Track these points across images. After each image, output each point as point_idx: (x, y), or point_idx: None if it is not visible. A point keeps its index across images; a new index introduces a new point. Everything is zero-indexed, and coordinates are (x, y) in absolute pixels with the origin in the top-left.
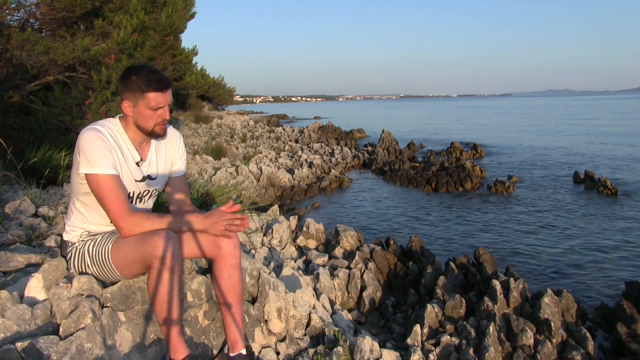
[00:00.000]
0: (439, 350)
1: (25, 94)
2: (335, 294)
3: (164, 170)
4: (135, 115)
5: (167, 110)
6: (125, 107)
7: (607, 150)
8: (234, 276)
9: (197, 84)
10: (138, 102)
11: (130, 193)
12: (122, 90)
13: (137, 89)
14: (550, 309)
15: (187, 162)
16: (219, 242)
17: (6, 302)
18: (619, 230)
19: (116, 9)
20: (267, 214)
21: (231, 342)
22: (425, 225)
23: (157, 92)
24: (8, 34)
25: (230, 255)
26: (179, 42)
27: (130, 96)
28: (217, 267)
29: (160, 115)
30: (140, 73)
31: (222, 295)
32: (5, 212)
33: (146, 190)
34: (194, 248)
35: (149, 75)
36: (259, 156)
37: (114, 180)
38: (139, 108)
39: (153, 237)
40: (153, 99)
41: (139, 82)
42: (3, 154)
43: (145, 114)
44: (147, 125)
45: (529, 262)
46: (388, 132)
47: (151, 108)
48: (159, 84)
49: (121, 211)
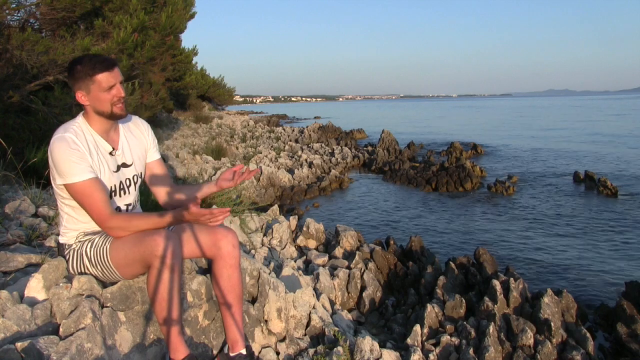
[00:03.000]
0: (439, 350)
1: (25, 94)
2: (335, 294)
3: (139, 157)
4: (92, 102)
5: (121, 87)
6: (80, 97)
7: (607, 150)
8: (234, 276)
9: (197, 84)
10: (90, 87)
11: (113, 187)
12: (72, 83)
13: (85, 75)
14: (550, 309)
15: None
16: (218, 243)
17: (6, 302)
18: (619, 230)
19: (116, 9)
20: (267, 214)
21: (231, 342)
22: (425, 225)
23: (105, 71)
24: (8, 34)
25: (229, 255)
26: (179, 42)
27: (81, 85)
28: (216, 267)
29: (114, 94)
30: (83, 60)
31: (222, 295)
32: (5, 212)
33: (126, 179)
34: (194, 248)
35: (92, 60)
36: (259, 156)
37: (91, 185)
38: (93, 93)
39: (153, 236)
40: (103, 80)
41: (85, 68)
42: (3, 154)
43: (100, 97)
44: (105, 108)
45: (529, 262)
46: (388, 132)
47: (104, 89)
48: (104, 63)
49: (102, 215)
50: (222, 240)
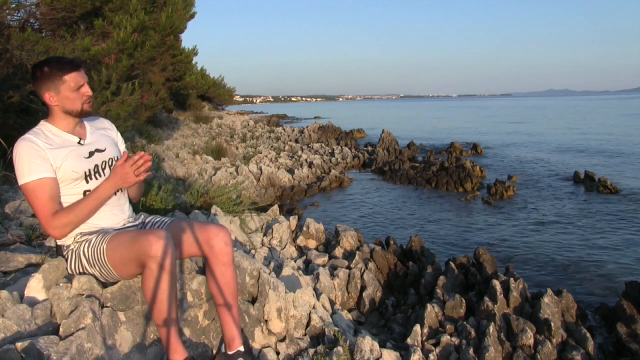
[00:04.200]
0: (439, 350)
1: (25, 94)
2: (335, 294)
3: (111, 144)
4: (61, 103)
5: (88, 87)
6: (49, 98)
7: (607, 150)
8: (227, 274)
9: (197, 84)
10: (59, 88)
11: (87, 171)
12: (39, 85)
13: (54, 76)
14: (550, 309)
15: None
16: (210, 241)
17: (6, 302)
18: (619, 230)
19: (116, 9)
20: (267, 214)
21: (228, 340)
22: (425, 225)
23: (74, 72)
24: (8, 34)
25: (221, 252)
26: (179, 42)
27: (50, 86)
28: (210, 265)
29: (84, 93)
30: (50, 62)
31: (217, 293)
32: (5, 212)
33: (102, 162)
34: (191, 246)
35: (59, 61)
36: (259, 156)
37: (39, 186)
38: (63, 93)
39: (147, 236)
40: (73, 80)
41: (53, 69)
42: (3, 154)
43: (70, 96)
44: (75, 106)
45: (529, 262)
46: (388, 132)
47: (73, 89)
48: (71, 64)
49: (46, 217)
50: (214, 239)
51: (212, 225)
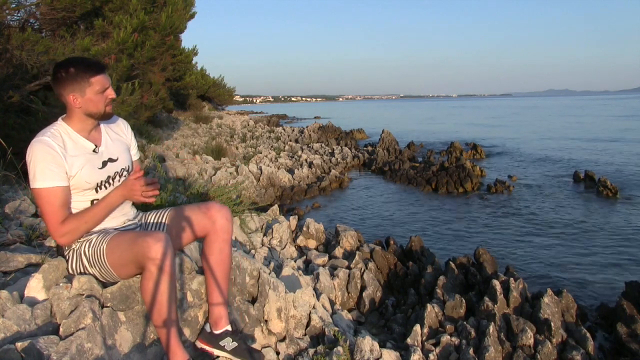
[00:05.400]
0: (439, 350)
1: (25, 94)
2: (335, 294)
3: (123, 151)
4: (84, 105)
5: (112, 89)
6: (72, 100)
7: (607, 150)
8: (225, 250)
9: (197, 84)
10: (85, 90)
11: (99, 182)
12: (63, 85)
13: (81, 78)
14: (550, 309)
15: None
16: (212, 217)
17: (6, 302)
18: (619, 230)
19: (116, 9)
20: (267, 214)
21: (214, 319)
22: (426, 225)
23: (100, 74)
24: (8, 34)
25: (222, 229)
26: (179, 42)
27: (75, 87)
28: (209, 241)
29: (107, 95)
30: (76, 63)
31: (211, 269)
32: (5, 212)
33: (114, 172)
34: (189, 232)
35: (85, 62)
36: (259, 156)
37: (53, 193)
38: (88, 95)
39: (145, 238)
40: (99, 82)
41: (80, 71)
42: (3, 154)
43: (94, 99)
44: (98, 109)
45: (529, 262)
46: (388, 132)
47: (98, 92)
48: (98, 66)
49: (54, 224)
50: (217, 215)
51: (214, 203)
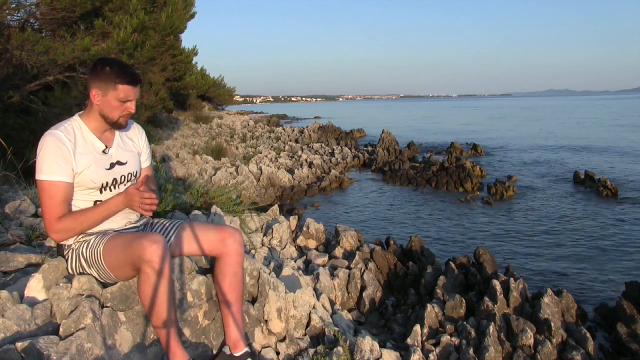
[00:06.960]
0: (439, 350)
1: (25, 94)
2: (335, 294)
3: (133, 157)
4: (102, 105)
5: (134, 104)
6: (94, 95)
7: (607, 150)
8: (239, 274)
9: (197, 84)
10: (108, 92)
11: (104, 183)
12: (93, 79)
13: (109, 79)
14: (550, 309)
15: (151, 156)
16: (225, 240)
17: (6, 302)
18: (619, 230)
19: (116, 9)
20: (267, 214)
21: (232, 342)
22: (425, 225)
23: (129, 85)
24: (8, 34)
25: (235, 252)
26: (179, 42)
27: (101, 85)
28: (222, 264)
29: (126, 107)
30: (113, 65)
31: (224, 294)
32: (5, 212)
33: (121, 176)
34: (194, 246)
35: (122, 69)
36: (259, 156)
37: (56, 187)
38: (108, 98)
39: (141, 240)
40: (124, 91)
41: (113, 73)
42: (3, 154)
43: (112, 104)
44: (112, 115)
45: (529, 262)
46: (388, 132)
47: (120, 100)
48: (131, 77)
49: (51, 219)
50: (230, 238)
51: (227, 226)
